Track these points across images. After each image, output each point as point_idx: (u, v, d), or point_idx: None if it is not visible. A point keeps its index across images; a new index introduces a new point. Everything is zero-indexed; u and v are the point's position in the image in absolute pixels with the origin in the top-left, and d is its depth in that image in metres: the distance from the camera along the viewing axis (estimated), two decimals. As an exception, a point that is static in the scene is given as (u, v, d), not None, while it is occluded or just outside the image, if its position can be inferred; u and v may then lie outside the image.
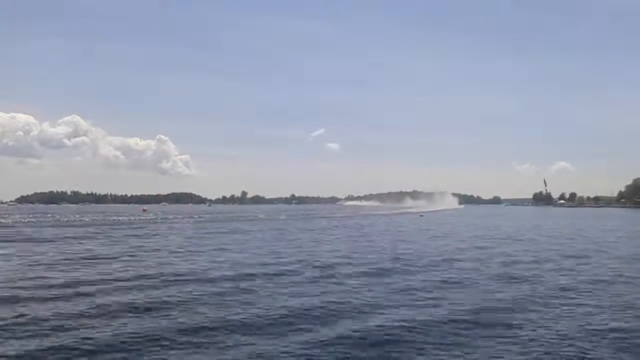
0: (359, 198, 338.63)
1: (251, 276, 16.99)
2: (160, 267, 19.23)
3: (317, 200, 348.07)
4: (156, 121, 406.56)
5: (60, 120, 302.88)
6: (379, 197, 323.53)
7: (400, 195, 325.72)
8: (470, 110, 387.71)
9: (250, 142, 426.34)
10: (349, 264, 20.59)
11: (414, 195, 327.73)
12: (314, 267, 19.46)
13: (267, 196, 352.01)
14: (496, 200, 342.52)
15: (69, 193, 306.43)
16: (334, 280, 16.55)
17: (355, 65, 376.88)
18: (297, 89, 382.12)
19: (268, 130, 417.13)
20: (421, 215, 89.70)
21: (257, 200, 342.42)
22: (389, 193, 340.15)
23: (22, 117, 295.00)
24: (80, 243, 30.00)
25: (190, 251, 25.73)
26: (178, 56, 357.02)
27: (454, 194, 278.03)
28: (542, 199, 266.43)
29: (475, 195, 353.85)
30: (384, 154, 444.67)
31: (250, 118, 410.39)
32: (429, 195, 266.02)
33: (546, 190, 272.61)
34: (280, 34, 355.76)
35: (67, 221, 59.60)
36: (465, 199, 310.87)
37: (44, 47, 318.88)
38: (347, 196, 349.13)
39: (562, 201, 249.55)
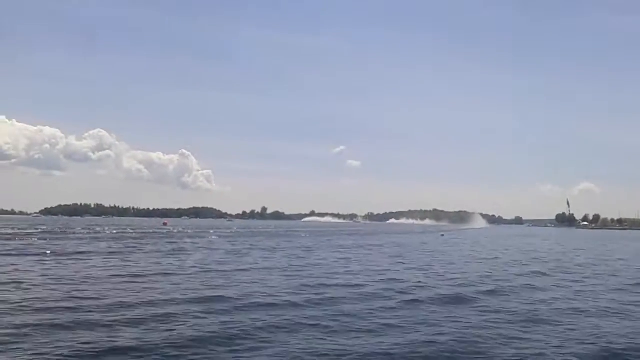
0: (380, 216, 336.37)
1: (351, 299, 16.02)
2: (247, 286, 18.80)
3: (337, 216, 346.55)
4: (179, 136, 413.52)
5: (86, 134, 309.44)
6: (401, 215, 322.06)
7: (423, 214, 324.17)
8: (490, 129, 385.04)
9: (270, 158, 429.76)
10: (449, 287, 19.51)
11: (436, 214, 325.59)
12: (398, 291, 18.11)
13: (287, 212, 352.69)
14: (518, 221, 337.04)
15: (92, 206, 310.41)
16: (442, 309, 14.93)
17: (374, 83, 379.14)
18: (318, 106, 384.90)
19: (289, 147, 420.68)
20: (442, 235, 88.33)
21: (277, 216, 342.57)
22: (410, 211, 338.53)
23: (49, 131, 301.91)
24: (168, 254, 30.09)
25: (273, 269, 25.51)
26: (202, 72, 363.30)
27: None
28: (565, 220, 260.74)
29: (497, 215, 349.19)
30: (404, 171, 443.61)
31: (272, 134, 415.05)
32: (457, 215, 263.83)
33: (569, 211, 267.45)
34: (304, 50, 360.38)
35: (117, 232, 60.21)
36: (487, 219, 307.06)
37: (69, 61, 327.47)
38: (366, 214, 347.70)
39: (586, 223, 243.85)
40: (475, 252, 43.80)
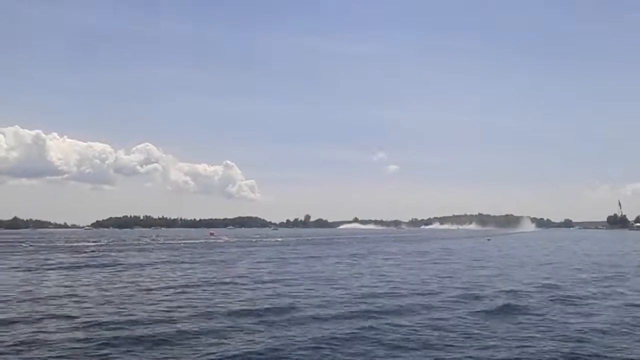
0: (424, 221, 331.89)
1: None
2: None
3: (380, 223, 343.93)
4: (223, 147, 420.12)
5: (134, 148, 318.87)
6: (445, 220, 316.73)
7: (467, 218, 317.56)
8: (536, 132, 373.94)
9: (311, 166, 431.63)
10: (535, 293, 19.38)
11: (481, 218, 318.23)
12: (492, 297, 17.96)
13: (330, 219, 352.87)
14: (567, 224, 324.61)
15: (141, 217, 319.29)
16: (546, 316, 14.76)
17: (413, 87, 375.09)
18: (357, 112, 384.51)
19: (329, 154, 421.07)
20: (489, 240, 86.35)
21: (320, 223, 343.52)
22: (454, 216, 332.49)
23: (98, 146, 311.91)
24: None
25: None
26: (244, 82, 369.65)
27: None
28: (617, 222, 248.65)
29: (545, 219, 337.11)
30: (446, 176, 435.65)
31: (312, 142, 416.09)
32: (504, 219, 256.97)
33: (621, 212, 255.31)
34: (341, 57, 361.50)
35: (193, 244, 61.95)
36: (535, 223, 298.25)
37: (115, 77, 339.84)
38: (411, 219, 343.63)
39: (639, 224, 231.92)
40: (536, 255, 43.28)
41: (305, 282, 22.62)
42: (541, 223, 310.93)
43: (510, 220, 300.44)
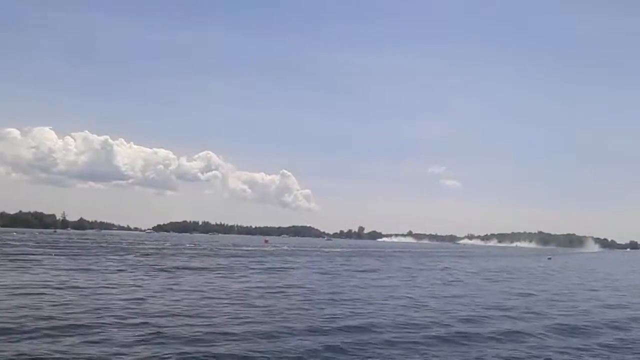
0: (481, 237, 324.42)
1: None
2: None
3: (435, 238, 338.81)
4: (280, 157, 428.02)
5: (196, 156, 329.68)
6: (503, 237, 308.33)
7: (527, 236, 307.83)
8: (598, 149, 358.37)
9: (367, 178, 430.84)
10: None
11: (542, 237, 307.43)
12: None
13: (384, 232, 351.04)
14: (633, 245, 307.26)
15: (200, 223, 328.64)
16: None
17: (473, 99, 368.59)
18: (415, 125, 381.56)
19: (385, 167, 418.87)
20: (549, 259, 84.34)
21: (374, 235, 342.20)
22: (512, 233, 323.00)
23: (162, 152, 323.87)
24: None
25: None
26: (302, 94, 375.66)
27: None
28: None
29: (609, 239, 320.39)
30: (506, 192, 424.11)
31: (368, 154, 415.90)
32: (566, 238, 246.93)
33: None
34: (397, 70, 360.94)
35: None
36: (599, 243, 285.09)
37: (180, 87, 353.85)
38: (467, 235, 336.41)
39: None
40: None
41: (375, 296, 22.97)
42: (605, 244, 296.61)
43: (572, 240, 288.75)
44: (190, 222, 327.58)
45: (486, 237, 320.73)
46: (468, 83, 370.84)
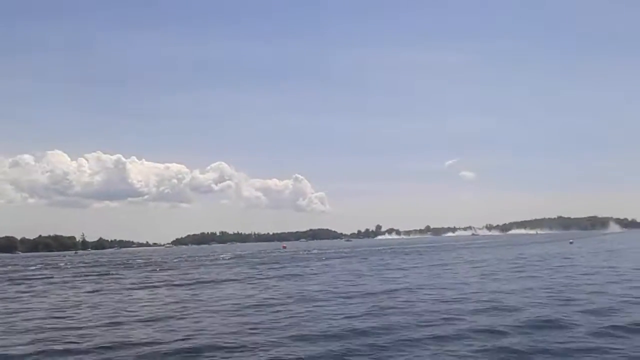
0: (500, 227, 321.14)
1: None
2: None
3: (454, 230, 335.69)
4: (292, 161, 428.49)
5: (208, 167, 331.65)
6: (523, 224, 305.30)
7: (547, 222, 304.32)
8: (615, 127, 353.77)
9: (380, 175, 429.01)
10: None
11: (562, 222, 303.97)
12: None
13: (401, 229, 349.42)
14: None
15: (217, 234, 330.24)
16: None
17: (487, 90, 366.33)
18: (426, 118, 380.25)
19: (399, 162, 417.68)
20: (571, 243, 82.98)
21: (396, 233, 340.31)
22: (533, 220, 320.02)
23: (175, 167, 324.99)
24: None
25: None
26: (309, 96, 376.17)
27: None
28: None
29: (629, 219, 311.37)
30: (522, 180, 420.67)
31: (379, 151, 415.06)
32: (587, 221, 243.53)
33: None
34: (409, 65, 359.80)
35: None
36: (619, 224, 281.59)
37: (184, 99, 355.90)
38: (485, 225, 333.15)
39: None
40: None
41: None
42: (625, 224, 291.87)
43: (594, 223, 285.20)
44: (208, 233, 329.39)
45: (505, 227, 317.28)
46: (483, 74, 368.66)
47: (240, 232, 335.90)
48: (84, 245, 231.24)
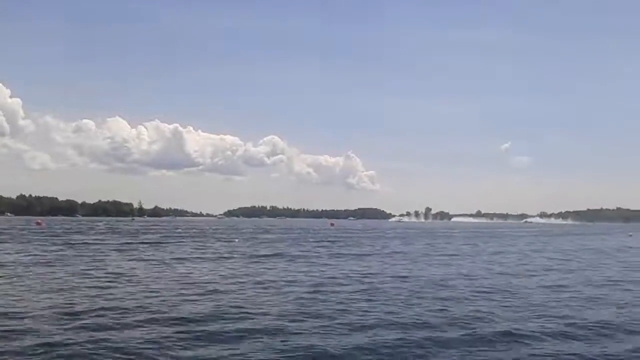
0: (554, 215, 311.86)
1: None
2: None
3: (506, 217, 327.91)
4: (345, 138, 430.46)
5: (261, 141, 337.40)
6: (578, 214, 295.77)
7: (605, 213, 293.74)
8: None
9: (433, 157, 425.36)
10: None
11: (621, 212, 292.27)
12: None
13: (451, 212, 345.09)
14: None
15: (268, 208, 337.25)
16: None
17: (543, 71, 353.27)
18: (481, 101, 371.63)
19: (452, 145, 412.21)
20: (630, 235, 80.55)
21: (442, 216, 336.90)
22: (588, 210, 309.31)
23: (229, 139, 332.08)
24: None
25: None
26: (365, 76, 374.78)
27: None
28: None
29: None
30: (581, 166, 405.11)
31: (433, 132, 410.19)
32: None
33: None
34: (459, 45, 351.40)
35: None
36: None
37: (242, 73, 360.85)
38: (539, 213, 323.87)
39: None
40: None
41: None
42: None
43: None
44: (258, 206, 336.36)
45: (561, 215, 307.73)
46: (539, 54, 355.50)
47: (290, 207, 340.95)
48: (141, 212, 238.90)
